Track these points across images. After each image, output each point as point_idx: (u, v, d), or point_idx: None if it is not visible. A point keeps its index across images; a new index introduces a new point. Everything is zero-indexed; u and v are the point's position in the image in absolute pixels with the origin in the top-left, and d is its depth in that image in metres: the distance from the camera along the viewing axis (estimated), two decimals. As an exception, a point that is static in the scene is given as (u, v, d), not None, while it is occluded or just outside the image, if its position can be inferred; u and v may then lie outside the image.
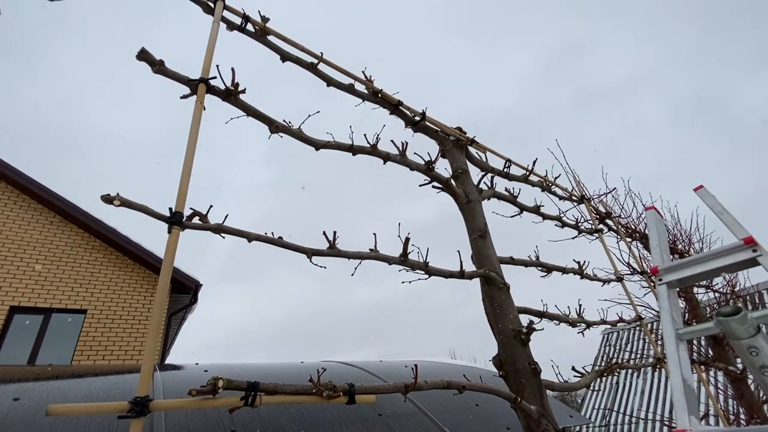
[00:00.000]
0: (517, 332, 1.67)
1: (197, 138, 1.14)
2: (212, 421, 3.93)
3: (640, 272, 3.12)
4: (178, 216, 0.98)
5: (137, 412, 0.75)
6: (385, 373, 6.03)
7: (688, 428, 0.94)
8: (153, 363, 0.80)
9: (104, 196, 0.91)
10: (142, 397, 0.77)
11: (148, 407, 0.76)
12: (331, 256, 1.29)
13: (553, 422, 1.52)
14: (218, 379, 0.85)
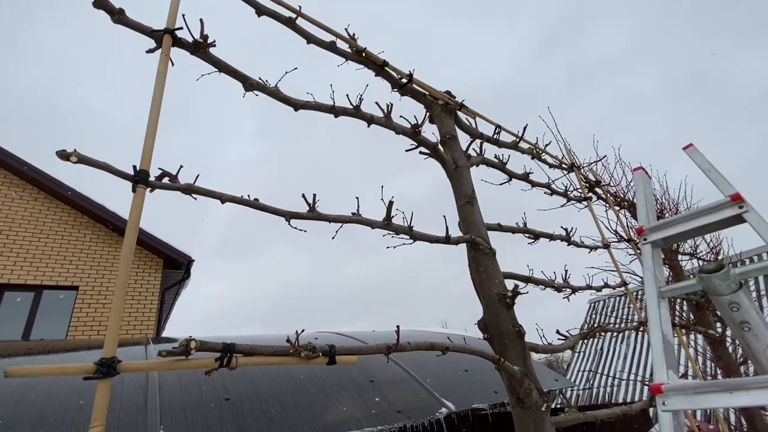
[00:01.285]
0: (502, 296, 1.67)
1: (162, 93, 1.06)
2: (207, 393, 4.00)
3: (627, 240, 3.14)
4: (143, 174, 0.92)
5: (103, 373, 0.72)
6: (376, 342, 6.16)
7: (665, 381, 0.95)
8: (119, 324, 0.77)
9: (60, 151, 0.85)
10: (108, 359, 0.74)
11: (116, 368, 0.74)
12: (310, 219, 1.25)
13: (536, 382, 1.54)
14: (191, 341, 0.82)
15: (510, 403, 1.54)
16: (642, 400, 2.04)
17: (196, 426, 3.40)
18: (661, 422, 0.91)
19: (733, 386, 0.84)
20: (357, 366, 5.16)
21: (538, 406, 1.46)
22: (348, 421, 3.88)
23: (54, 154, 0.88)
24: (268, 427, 3.56)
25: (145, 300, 10.44)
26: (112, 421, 3.34)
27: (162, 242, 11.03)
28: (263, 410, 3.79)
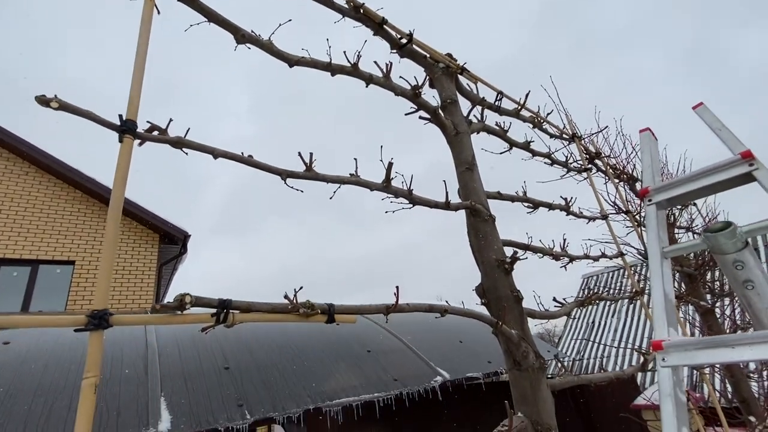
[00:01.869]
0: (500, 262, 1.67)
1: (148, 40, 0.99)
2: (206, 362, 4.06)
3: (625, 212, 3.14)
4: (130, 124, 0.87)
5: (95, 324, 0.70)
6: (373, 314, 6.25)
7: (666, 338, 0.95)
8: (110, 277, 0.74)
9: (39, 97, 0.79)
10: (99, 310, 0.72)
11: (108, 320, 0.71)
12: (307, 179, 1.21)
13: (532, 345, 1.56)
14: (185, 295, 0.80)
15: (507, 366, 1.55)
16: (633, 366, 2.08)
17: (197, 394, 3.47)
18: (660, 379, 0.91)
19: (736, 341, 0.84)
20: (354, 337, 5.24)
21: (535, 368, 1.48)
22: (345, 388, 3.97)
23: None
24: (267, 395, 3.64)
25: (142, 275, 10.45)
26: (113, 389, 3.39)
27: (158, 217, 10.96)
28: (262, 379, 3.86)
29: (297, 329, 5.21)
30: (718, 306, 3.99)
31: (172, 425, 3.01)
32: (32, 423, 2.80)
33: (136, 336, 4.33)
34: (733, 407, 3.57)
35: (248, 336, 4.65)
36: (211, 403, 3.32)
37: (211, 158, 1.08)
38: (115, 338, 4.25)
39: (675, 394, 0.88)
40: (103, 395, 3.24)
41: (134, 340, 4.19)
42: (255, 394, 3.53)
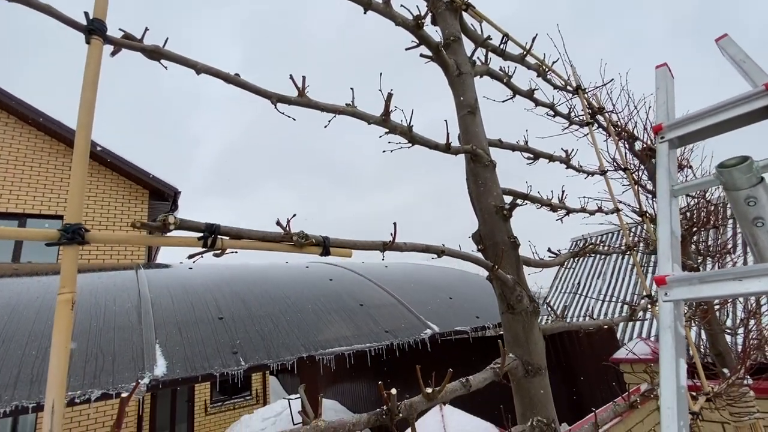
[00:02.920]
0: (499, 208, 1.63)
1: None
2: (200, 312, 4.09)
3: (623, 169, 3.10)
4: (98, 24, 0.77)
5: (68, 238, 0.64)
6: (366, 271, 6.33)
7: (670, 273, 0.92)
8: (82, 190, 0.67)
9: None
10: (72, 224, 0.65)
11: (83, 236, 0.65)
12: (299, 105, 1.12)
13: (527, 290, 1.56)
14: (168, 215, 0.73)
15: (500, 309, 1.56)
16: (622, 315, 2.12)
17: (191, 341, 3.53)
18: (662, 313, 0.90)
19: (743, 274, 0.82)
20: (347, 291, 5.34)
21: (528, 312, 1.49)
22: (339, 339, 4.08)
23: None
24: (261, 343, 3.72)
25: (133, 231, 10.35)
26: (107, 335, 3.43)
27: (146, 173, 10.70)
28: (256, 329, 3.93)
29: (291, 283, 5.26)
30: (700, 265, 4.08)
31: (167, 370, 3.07)
32: (27, 366, 2.83)
33: (129, 287, 4.33)
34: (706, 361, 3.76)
35: (242, 288, 4.68)
36: (206, 351, 3.38)
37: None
38: (107, 288, 4.25)
39: (675, 327, 0.87)
40: (97, 342, 3.27)
41: (126, 290, 4.20)
42: (249, 343, 3.60)
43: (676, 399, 0.81)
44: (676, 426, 0.78)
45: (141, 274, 4.75)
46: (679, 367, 0.85)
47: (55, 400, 0.59)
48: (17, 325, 3.25)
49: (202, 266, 5.56)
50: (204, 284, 4.62)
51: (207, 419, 10.65)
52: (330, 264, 6.77)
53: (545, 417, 1.39)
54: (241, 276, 5.21)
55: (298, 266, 6.28)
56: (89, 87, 0.73)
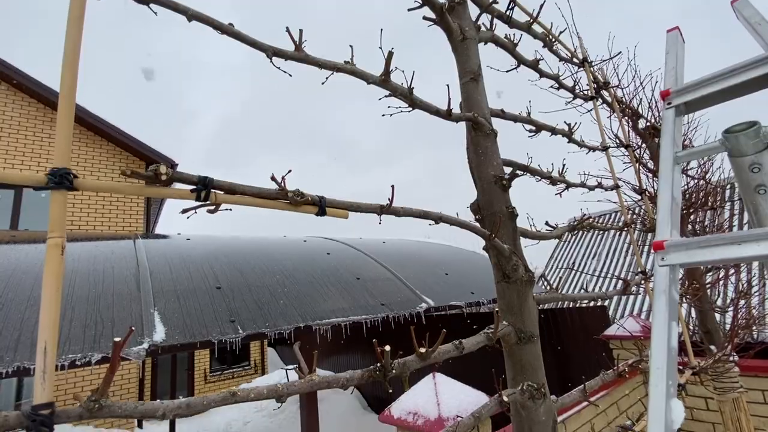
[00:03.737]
0: (498, 178, 1.61)
1: None
2: (198, 281, 4.12)
3: (625, 146, 3.06)
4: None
5: (56, 183, 0.62)
6: (363, 246, 6.36)
7: (667, 238, 0.92)
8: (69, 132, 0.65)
9: None
10: (60, 168, 0.63)
11: (71, 181, 0.63)
12: (296, 60, 1.08)
13: (523, 260, 1.56)
14: (160, 165, 0.71)
15: (495, 279, 1.57)
16: (616, 289, 2.15)
17: (189, 309, 3.57)
18: (657, 277, 0.90)
19: (741, 238, 0.81)
20: (344, 265, 5.38)
21: (523, 281, 1.50)
22: (335, 310, 4.14)
23: None
24: (258, 312, 3.77)
25: (130, 202, 10.31)
26: (107, 301, 3.46)
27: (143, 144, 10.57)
28: (254, 299, 3.98)
29: (288, 256, 5.29)
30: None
31: (166, 336, 3.12)
32: (27, 329, 2.87)
33: (127, 256, 4.35)
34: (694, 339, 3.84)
35: (239, 259, 4.71)
36: (204, 319, 3.43)
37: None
38: (106, 257, 4.27)
39: (669, 292, 0.88)
40: (96, 308, 3.31)
41: (124, 258, 4.21)
42: (247, 312, 3.65)
43: (667, 360, 0.82)
44: (665, 384, 0.80)
45: (139, 244, 4.76)
46: (671, 330, 0.85)
47: (48, 342, 0.59)
48: (16, 291, 3.28)
49: (199, 237, 5.57)
50: (202, 255, 4.64)
51: (206, 387, 10.96)
52: (327, 239, 6.80)
53: (535, 382, 1.42)
54: (239, 248, 5.23)
55: (295, 240, 6.30)
56: (74, 23, 0.69)
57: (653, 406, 0.78)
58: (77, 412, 0.61)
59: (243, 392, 0.78)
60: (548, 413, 1.42)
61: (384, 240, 7.32)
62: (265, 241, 5.95)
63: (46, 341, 0.59)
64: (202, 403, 0.73)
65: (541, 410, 1.40)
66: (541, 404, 1.40)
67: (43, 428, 0.57)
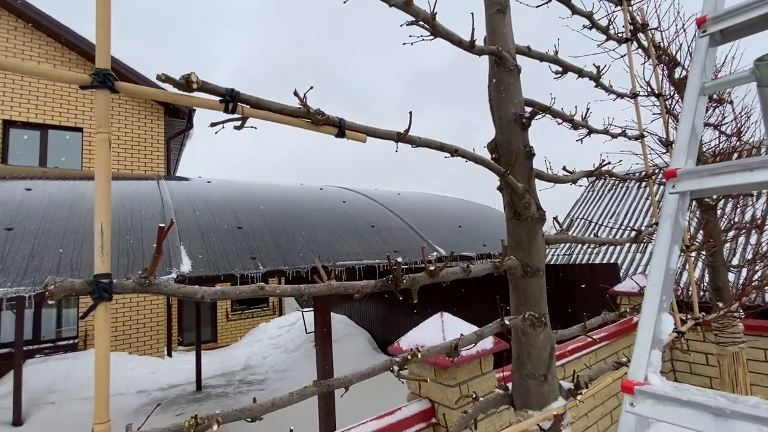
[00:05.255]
0: (518, 116, 1.59)
1: None
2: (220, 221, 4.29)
3: (657, 95, 2.92)
4: None
5: (100, 82, 0.67)
6: (378, 196, 6.43)
7: (682, 166, 0.93)
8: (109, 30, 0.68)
9: None
10: (102, 69, 0.68)
11: (113, 82, 0.68)
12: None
13: (536, 198, 1.58)
14: (191, 74, 0.75)
15: (507, 217, 1.61)
16: (627, 237, 2.16)
17: (213, 246, 3.78)
18: (666, 203, 0.92)
19: (754, 165, 0.82)
20: (359, 213, 5.49)
21: (534, 218, 1.53)
22: (350, 254, 4.30)
23: None
24: (277, 252, 3.96)
25: (151, 147, 10.51)
26: (136, 236, 3.68)
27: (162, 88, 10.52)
28: (273, 240, 4.16)
29: (305, 202, 5.43)
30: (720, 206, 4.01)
31: (192, 268, 3.34)
32: (66, 255, 3.11)
33: (152, 195, 4.54)
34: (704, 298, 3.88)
35: (258, 202, 4.86)
36: (227, 254, 3.64)
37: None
38: (132, 195, 4.47)
39: (676, 217, 0.90)
40: (126, 240, 3.53)
41: (150, 198, 4.40)
42: (267, 251, 3.84)
43: (663, 278, 0.86)
44: (658, 299, 0.85)
45: (162, 185, 4.94)
46: (672, 252, 0.89)
47: (103, 223, 0.67)
48: (53, 221, 3.51)
49: (219, 181, 5.72)
50: (222, 197, 4.79)
51: (228, 325, 11.77)
52: (343, 188, 6.88)
53: (537, 312, 1.50)
54: (258, 191, 5.37)
55: (312, 188, 6.40)
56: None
57: (645, 316, 0.84)
58: (131, 286, 0.71)
59: (270, 288, 0.87)
60: (547, 340, 1.52)
61: (399, 192, 7.36)
62: (283, 187, 6.08)
63: (102, 222, 0.67)
64: (234, 292, 0.83)
65: (541, 337, 1.50)
66: (541, 332, 1.50)
67: (105, 294, 0.66)
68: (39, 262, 2.96)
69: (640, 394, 0.79)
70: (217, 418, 0.71)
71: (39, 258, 3.01)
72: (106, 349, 0.66)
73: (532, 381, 1.49)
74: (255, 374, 8.36)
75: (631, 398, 0.80)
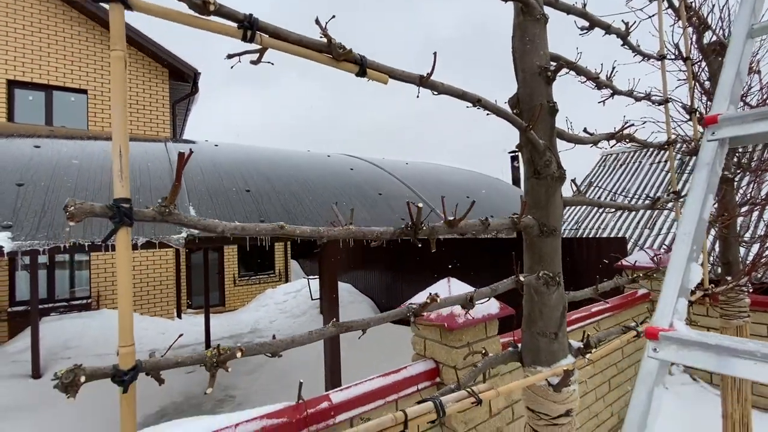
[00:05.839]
0: (543, 69, 1.52)
1: None
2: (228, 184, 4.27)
3: (684, 58, 2.78)
4: None
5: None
6: (386, 165, 6.36)
7: (723, 111, 0.88)
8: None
9: None
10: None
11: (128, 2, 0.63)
12: None
13: (557, 156, 1.54)
14: (208, -6, 0.70)
15: (526, 176, 1.57)
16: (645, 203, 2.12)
17: (222, 206, 3.78)
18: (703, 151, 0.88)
19: (807, 108, 0.76)
20: (367, 180, 5.45)
21: (554, 177, 1.49)
22: (357, 220, 4.30)
23: None
24: (286, 216, 3.96)
25: (156, 111, 10.39)
26: (146, 195, 3.69)
27: (166, 50, 10.29)
28: (281, 204, 4.15)
29: (313, 168, 5.38)
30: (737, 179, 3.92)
31: (202, 228, 3.35)
32: (78, 211, 3.13)
33: (159, 156, 4.51)
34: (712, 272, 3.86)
35: (266, 167, 4.83)
36: (236, 216, 3.64)
37: None
38: (140, 155, 4.44)
39: (713, 165, 0.86)
40: (136, 199, 3.54)
41: (157, 159, 4.38)
42: (275, 214, 3.84)
43: (696, 227, 0.83)
44: (689, 248, 0.82)
45: (170, 147, 4.90)
46: (706, 201, 0.86)
47: (121, 146, 0.64)
48: (63, 179, 3.51)
49: (226, 145, 5.66)
50: (230, 160, 4.76)
51: (235, 290, 12.04)
52: (351, 155, 6.80)
53: (551, 271, 1.49)
54: (265, 156, 5.32)
55: (319, 154, 6.33)
56: None
57: (673, 264, 0.82)
58: (151, 214, 0.69)
59: (289, 228, 0.86)
60: (559, 300, 1.52)
61: (407, 162, 7.27)
62: (291, 153, 6.02)
63: (120, 145, 0.64)
64: (255, 229, 0.81)
65: (554, 296, 1.49)
66: (554, 291, 1.49)
67: (125, 219, 0.65)
68: (51, 218, 2.98)
69: (664, 340, 0.78)
70: (240, 347, 0.72)
71: (51, 214, 3.03)
72: (128, 277, 0.65)
73: (542, 339, 1.50)
74: (262, 337, 8.62)
75: (654, 344, 0.79)
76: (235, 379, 6.35)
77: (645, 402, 0.77)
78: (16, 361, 6.58)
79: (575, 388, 1.48)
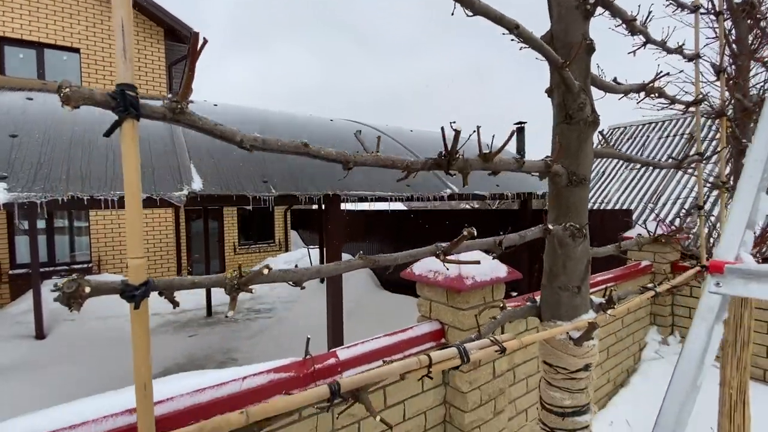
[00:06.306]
0: (581, 2, 1.38)
1: None
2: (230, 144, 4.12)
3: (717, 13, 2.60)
4: None
5: None
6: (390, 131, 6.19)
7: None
8: None
9: None
10: None
11: None
12: None
13: (591, 100, 1.43)
14: None
15: (557, 121, 1.46)
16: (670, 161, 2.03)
17: (224, 166, 3.66)
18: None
19: None
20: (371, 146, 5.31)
21: (588, 122, 1.39)
22: (362, 184, 4.20)
23: None
24: (289, 178, 3.86)
25: (152, 72, 10.05)
26: (144, 154, 3.55)
27: (161, 8, 9.83)
28: (285, 166, 4.03)
29: (316, 131, 5.22)
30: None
31: (204, 186, 3.25)
32: (75, 165, 3.01)
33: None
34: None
35: (268, 128, 4.67)
36: (239, 176, 3.54)
37: None
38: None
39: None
40: (135, 156, 3.42)
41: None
42: (279, 176, 3.73)
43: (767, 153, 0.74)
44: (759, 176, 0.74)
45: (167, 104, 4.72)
46: None
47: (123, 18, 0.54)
48: (59, 132, 3.37)
49: (226, 106, 5.47)
50: (231, 120, 4.59)
51: (235, 258, 12.06)
52: (354, 121, 6.62)
53: (579, 222, 1.42)
54: (267, 117, 5.15)
55: (322, 119, 6.14)
56: None
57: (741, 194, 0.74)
58: (161, 110, 0.60)
59: (315, 147, 0.77)
60: (584, 253, 1.45)
61: (411, 129, 7.09)
62: (292, 116, 5.83)
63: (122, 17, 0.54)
64: (276, 144, 0.72)
65: (579, 249, 1.42)
66: (580, 243, 1.42)
67: (131, 109, 0.55)
68: (48, 170, 2.87)
69: (729, 273, 0.70)
70: (267, 266, 0.64)
71: (47, 167, 2.92)
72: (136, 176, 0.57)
73: (564, 293, 1.45)
74: (263, 303, 8.69)
75: (716, 279, 0.72)
76: (237, 343, 6.43)
77: (704, 338, 0.71)
78: (19, 323, 6.63)
79: (595, 343, 1.44)
